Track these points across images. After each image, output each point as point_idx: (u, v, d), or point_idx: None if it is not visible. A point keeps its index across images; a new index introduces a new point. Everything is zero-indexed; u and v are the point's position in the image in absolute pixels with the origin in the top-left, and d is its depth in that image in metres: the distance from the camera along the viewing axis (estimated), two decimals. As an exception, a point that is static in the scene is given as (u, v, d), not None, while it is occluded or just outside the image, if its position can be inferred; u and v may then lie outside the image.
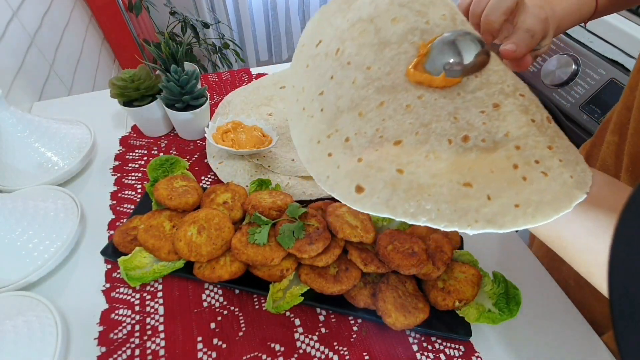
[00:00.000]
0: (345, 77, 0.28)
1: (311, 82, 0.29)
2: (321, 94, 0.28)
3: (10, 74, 0.74)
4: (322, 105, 0.28)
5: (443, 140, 0.25)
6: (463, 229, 0.22)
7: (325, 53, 0.30)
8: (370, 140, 0.25)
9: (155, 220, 0.48)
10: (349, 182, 0.24)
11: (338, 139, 0.26)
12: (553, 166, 0.24)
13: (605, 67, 0.82)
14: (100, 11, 1.31)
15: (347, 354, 0.42)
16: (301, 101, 0.29)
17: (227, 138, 0.61)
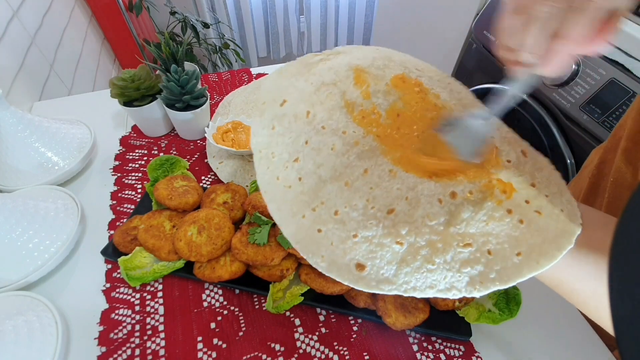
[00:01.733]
0: (322, 144, 0.27)
1: (281, 147, 0.27)
2: (296, 161, 0.26)
3: (11, 74, 0.74)
4: (300, 173, 0.26)
5: (434, 201, 0.24)
6: (471, 294, 0.22)
7: (294, 115, 0.28)
8: (362, 213, 0.24)
9: (156, 220, 0.48)
10: (347, 261, 0.23)
11: (326, 212, 0.25)
12: (542, 204, 0.24)
13: (605, 67, 0.82)
14: (100, 11, 1.31)
15: (347, 354, 0.42)
16: (272, 169, 0.26)
17: (227, 138, 0.61)
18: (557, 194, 0.25)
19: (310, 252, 0.24)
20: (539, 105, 0.98)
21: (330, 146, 0.26)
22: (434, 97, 0.31)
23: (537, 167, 0.27)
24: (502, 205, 0.23)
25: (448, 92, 0.31)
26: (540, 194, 0.24)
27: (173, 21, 1.57)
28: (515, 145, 0.28)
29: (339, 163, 0.26)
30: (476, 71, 1.23)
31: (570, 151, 0.91)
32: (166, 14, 1.58)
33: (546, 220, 0.23)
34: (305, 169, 0.26)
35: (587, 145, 0.86)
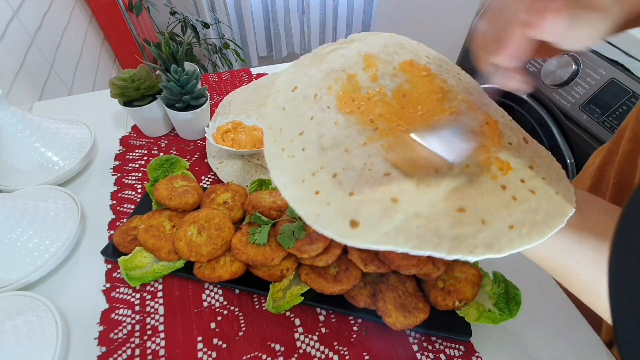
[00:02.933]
0: (326, 118, 0.28)
1: (289, 124, 0.28)
2: (301, 134, 0.28)
3: (11, 74, 0.74)
4: (304, 144, 0.27)
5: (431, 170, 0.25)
6: (465, 256, 0.22)
7: (303, 97, 0.30)
8: (359, 173, 0.25)
9: (155, 220, 0.48)
10: (342, 218, 0.24)
11: (325, 175, 0.26)
12: (538, 185, 0.24)
13: (605, 67, 0.82)
14: (100, 11, 1.31)
15: (347, 354, 0.42)
16: (279, 142, 0.28)
17: (227, 138, 0.61)
18: (554, 179, 0.25)
19: (306, 211, 0.24)
20: (539, 105, 0.98)
21: (333, 121, 0.28)
22: (441, 81, 0.32)
23: (538, 154, 0.27)
24: (497, 181, 0.24)
25: (456, 80, 0.33)
26: (537, 176, 0.25)
27: (173, 21, 1.57)
28: (518, 132, 0.29)
29: (340, 134, 0.27)
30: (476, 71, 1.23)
31: (570, 151, 0.91)
32: (166, 14, 1.58)
33: (539, 199, 0.24)
34: (309, 140, 0.27)
35: (587, 145, 0.86)
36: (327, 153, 0.27)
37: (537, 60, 0.98)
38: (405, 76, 0.32)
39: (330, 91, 0.30)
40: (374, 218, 0.23)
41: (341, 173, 0.25)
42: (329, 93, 0.30)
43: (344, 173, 0.25)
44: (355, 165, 0.26)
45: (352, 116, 0.28)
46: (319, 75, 0.31)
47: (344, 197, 0.24)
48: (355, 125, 0.28)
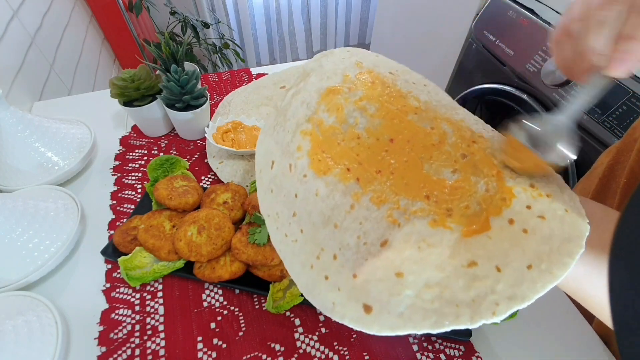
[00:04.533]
0: (307, 192, 0.27)
1: (281, 206, 0.28)
2: (294, 215, 0.27)
3: (11, 74, 0.74)
4: (300, 225, 0.26)
5: (426, 221, 0.22)
6: (489, 319, 0.20)
7: (281, 173, 0.29)
8: (356, 252, 0.23)
9: (155, 220, 0.48)
10: (354, 303, 0.22)
11: (327, 257, 0.24)
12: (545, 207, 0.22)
13: (605, 67, 0.82)
14: (100, 11, 1.31)
15: (347, 354, 0.42)
16: (280, 228, 0.27)
17: (227, 138, 0.61)
18: (557, 192, 0.23)
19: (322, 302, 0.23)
20: (539, 105, 0.98)
21: (314, 192, 0.26)
22: (414, 99, 0.29)
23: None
24: (502, 216, 0.22)
25: (426, 93, 0.31)
26: (542, 195, 0.23)
27: (173, 21, 1.57)
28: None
29: (325, 207, 0.26)
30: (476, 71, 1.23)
31: (570, 151, 0.91)
32: (166, 14, 1.58)
33: (551, 225, 0.21)
34: (302, 220, 0.26)
35: (587, 145, 0.86)
36: (321, 232, 0.25)
37: (537, 60, 0.98)
38: (375, 105, 0.29)
39: (301, 152, 0.28)
40: (384, 299, 0.21)
41: (339, 254, 0.24)
42: (301, 156, 0.28)
43: (341, 254, 0.24)
44: (349, 243, 0.24)
45: (329, 176, 0.26)
46: (287, 137, 0.29)
47: (350, 281, 0.23)
48: (337, 185, 0.26)
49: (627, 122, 0.77)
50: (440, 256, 0.22)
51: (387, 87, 0.30)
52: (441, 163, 0.25)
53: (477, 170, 0.24)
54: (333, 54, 0.33)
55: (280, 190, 0.28)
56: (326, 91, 0.30)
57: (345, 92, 0.30)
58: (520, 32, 1.03)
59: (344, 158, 0.27)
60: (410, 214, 0.23)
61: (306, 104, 0.30)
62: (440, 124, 0.27)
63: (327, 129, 0.28)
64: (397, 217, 0.23)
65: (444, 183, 0.24)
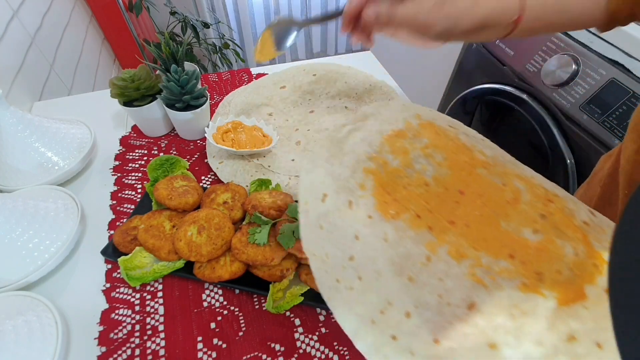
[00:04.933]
0: (373, 236, 0.24)
1: (334, 247, 0.24)
2: (351, 259, 0.24)
3: (11, 74, 0.74)
4: (358, 272, 0.23)
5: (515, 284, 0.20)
6: None
7: (336, 208, 0.25)
8: (437, 312, 0.21)
9: (155, 220, 0.48)
10: None
11: (397, 314, 0.21)
12: None
13: (605, 67, 0.82)
14: (100, 11, 1.31)
15: (347, 354, 0.42)
16: (331, 271, 0.24)
17: (227, 138, 0.61)
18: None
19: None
20: (539, 105, 0.98)
21: (381, 237, 0.23)
22: (480, 153, 0.27)
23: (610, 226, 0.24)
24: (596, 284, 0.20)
25: (490, 148, 0.29)
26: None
27: (173, 21, 1.57)
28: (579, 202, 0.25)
29: (395, 254, 0.23)
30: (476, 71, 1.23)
31: (570, 151, 0.91)
32: (166, 14, 1.58)
33: None
34: (362, 266, 0.23)
35: (587, 145, 0.86)
36: (389, 283, 0.22)
37: (537, 60, 0.98)
38: (441, 154, 0.27)
39: (365, 191, 0.25)
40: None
41: (415, 313, 0.21)
42: (364, 195, 0.25)
43: (418, 313, 0.21)
44: (428, 302, 0.21)
45: (399, 221, 0.24)
46: (345, 172, 0.26)
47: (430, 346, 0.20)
48: (407, 232, 0.23)
49: (627, 122, 0.77)
50: (536, 327, 0.20)
51: (450, 139, 0.28)
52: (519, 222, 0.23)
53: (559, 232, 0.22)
54: (389, 105, 0.32)
55: (333, 229, 0.25)
56: (390, 133, 0.28)
57: (409, 137, 0.28)
58: (520, 32, 1.03)
59: (411, 203, 0.24)
60: (496, 273, 0.21)
61: (367, 142, 0.28)
62: (512, 180, 0.25)
63: (392, 171, 0.26)
64: (482, 277, 0.21)
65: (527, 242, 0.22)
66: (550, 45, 0.95)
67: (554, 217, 0.23)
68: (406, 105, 0.32)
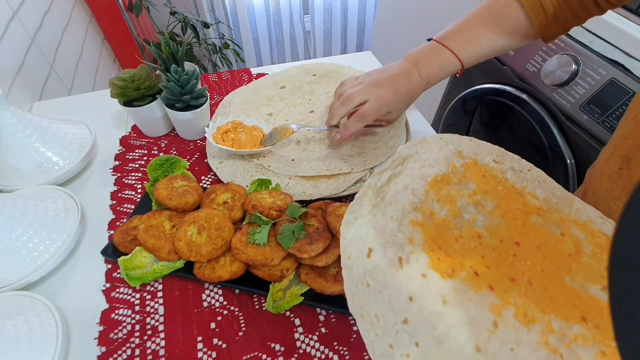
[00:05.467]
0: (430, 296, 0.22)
1: (384, 308, 0.23)
2: (406, 323, 0.22)
3: (10, 74, 0.74)
4: (415, 338, 0.21)
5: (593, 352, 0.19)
6: None
7: (386, 266, 0.23)
8: None
9: (155, 220, 0.48)
10: None
11: None
12: None
13: (605, 67, 0.82)
14: (100, 11, 1.31)
15: (347, 354, 0.42)
16: (382, 335, 0.22)
17: (227, 138, 0.61)
18: None
19: None
20: (539, 105, 0.98)
21: (440, 299, 0.21)
22: (532, 197, 0.26)
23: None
24: None
25: (540, 187, 0.27)
26: None
27: (173, 21, 1.57)
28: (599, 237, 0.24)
29: (456, 321, 0.21)
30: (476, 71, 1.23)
31: (570, 151, 0.91)
32: (166, 14, 1.58)
33: None
34: (420, 332, 0.21)
35: (587, 145, 0.86)
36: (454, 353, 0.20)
37: (537, 60, 0.98)
38: (492, 201, 0.25)
39: (414, 246, 0.23)
40: None
41: None
42: (414, 250, 0.23)
43: None
44: None
45: (456, 280, 0.22)
46: (390, 225, 0.24)
47: None
48: (467, 293, 0.21)
49: (627, 122, 0.77)
50: None
51: (499, 181, 0.27)
52: (585, 277, 0.21)
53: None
54: (427, 142, 0.30)
55: (382, 288, 0.23)
56: (434, 178, 0.26)
57: (455, 182, 0.26)
58: (520, 32, 1.03)
59: (466, 259, 0.23)
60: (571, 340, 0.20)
61: (411, 190, 0.26)
62: (570, 229, 0.24)
63: (440, 222, 0.24)
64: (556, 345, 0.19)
65: (597, 302, 0.20)
66: (550, 45, 0.95)
67: None
68: (445, 139, 0.30)
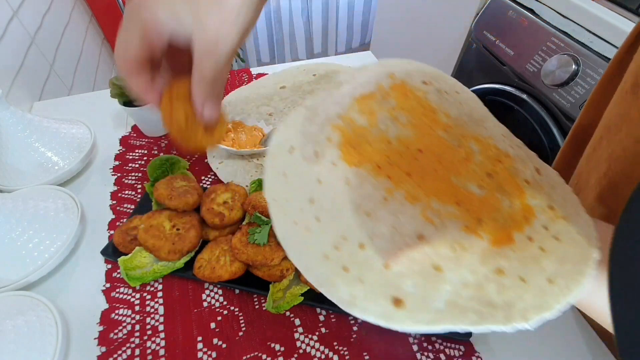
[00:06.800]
0: (335, 179, 0.25)
1: (295, 192, 0.26)
2: (312, 202, 0.25)
3: (10, 74, 0.74)
4: (317, 213, 0.24)
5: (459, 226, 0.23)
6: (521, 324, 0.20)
7: (302, 157, 0.27)
8: (390, 241, 0.22)
9: (155, 220, 0.48)
10: (382, 298, 0.21)
11: (350, 247, 0.23)
12: (561, 229, 0.24)
13: (605, 67, 0.82)
14: (100, 11, 1.31)
15: (347, 354, 0.42)
16: (289, 214, 0.25)
17: (227, 138, 0.61)
18: (574, 215, 0.25)
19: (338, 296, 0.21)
20: (539, 105, 0.98)
21: (344, 180, 0.25)
22: (444, 116, 0.29)
23: (552, 185, 0.26)
24: (523, 233, 0.23)
25: (457, 106, 0.31)
26: (558, 217, 0.24)
27: (173, 21, 1.57)
28: (529, 161, 0.28)
29: (356, 196, 0.24)
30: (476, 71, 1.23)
31: (570, 151, 0.91)
32: (166, 14, 1.58)
33: (565, 246, 0.23)
34: (322, 208, 0.24)
35: (587, 145, 0.86)
36: (346, 220, 0.23)
37: (537, 60, 0.98)
38: (406, 116, 0.29)
39: (331, 143, 0.27)
40: (419, 292, 0.21)
41: (369, 244, 0.22)
42: (330, 145, 0.27)
43: (372, 243, 0.22)
44: (383, 232, 0.23)
45: (361, 168, 0.25)
46: (314, 129, 0.28)
47: (380, 271, 0.22)
48: (368, 178, 0.25)
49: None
50: (471, 260, 0.22)
51: (419, 101, 0.30)
52: (468, 178, 0.25)
53: (501, 188, 0.25)
54: (366, 69, 0.33)
55: (297, 176, 0.26)
56: (360, 96, 0.30)
57: (379, 99, 0.30)
58: (520, 32, 1.03)
59: (374, 156, 0.26)
60: (443, 216, 0.23)
61: (339, 104, 0.30)
62: (468, 142, 0.28)
63: (358, 128, 0.28)
64: (431, 217, 0.23)
65: (472, 195, 0.25)
66: (550, 45, 0.95)
67: (499, 175, 0.26)
68: (383, 64, 0.33)
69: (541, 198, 0.25)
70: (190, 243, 0.47)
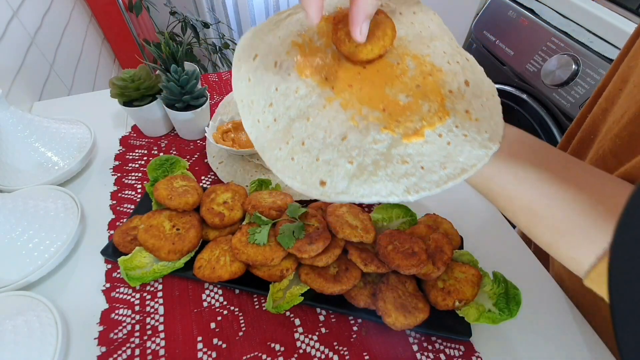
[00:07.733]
0: (289, 89, 0.31)
1: (258, 95, 0.32)
2: (270, 106, 0.31)
3: (10, 74, 0.74)
4: (274, 115, 0.31)
5: (379, 127, 0.29)
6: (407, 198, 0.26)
7: (264, 66, 0.32)
8: (322, 142, 0.29)
9: (155, 220, 0.48)
10: (315, 179, 0.28)
11: (296, 144, 0.30)
12: (471, 127, 0.29)
13: (605, 67, 0.82)
14: (100, 11, 1.31)
15: (347, 354, 0.42)
16: (254, 114, 0.32)
17: (228, 138, 0.61)
18: (487, 118, 0.29)
19: (287, 176, 0.29)
20: (539, 105, 0.98)
21: (294, 90, 0.31)
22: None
23: (475, 94, 0.31)
24: (435, 130, 0.28)
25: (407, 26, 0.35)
26: (471, 118, 0.29)
27: (173, 21, 1.57)
28: (460, 75, 0.32)
29: (302, 104, 0.30)
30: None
31: (570, 151, 0.91)
32: (166, 14, 1.58)
33: (470, 142, 0.28)
34: (278, 112, 0.31)
35: (587, 145, 0.86)
36: (295, 124, 0.30)
37: (537, 60, 0.98)
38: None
39: (289, 56, 0.32)
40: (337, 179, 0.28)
41: (307, 142, 0.29)
42: (288, 59, 0.32)
43: (309, 142, 0.29)
44: (317, 135, 0.29)
45: (310, 79, 0.31)
46: (276, 41, 0.33)
47: (313, 162, 0.29)
48: (315, 88, 0.31)
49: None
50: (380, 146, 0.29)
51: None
52: (399, 89, 0.30)
53: (426, 96, 0.30)
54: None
55: (259, 82, 0.32)
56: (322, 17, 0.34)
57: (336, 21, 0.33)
58: (520, 32, 1.03)
59: (324, 70, 0.32)
60: (369, 120, 0.29)
61: (300, 23, 0.34)
62: (406, 60, 0.32)
63: (314, 48, 0.32)
64: (358, 121, 0.29)
65: (398, 102, 0.30)
66: (550, 45, 0.95)
67: (426, 87, 0.30)
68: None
69: (460, 103, 0.30)
70: (190, 243, 0.47)
